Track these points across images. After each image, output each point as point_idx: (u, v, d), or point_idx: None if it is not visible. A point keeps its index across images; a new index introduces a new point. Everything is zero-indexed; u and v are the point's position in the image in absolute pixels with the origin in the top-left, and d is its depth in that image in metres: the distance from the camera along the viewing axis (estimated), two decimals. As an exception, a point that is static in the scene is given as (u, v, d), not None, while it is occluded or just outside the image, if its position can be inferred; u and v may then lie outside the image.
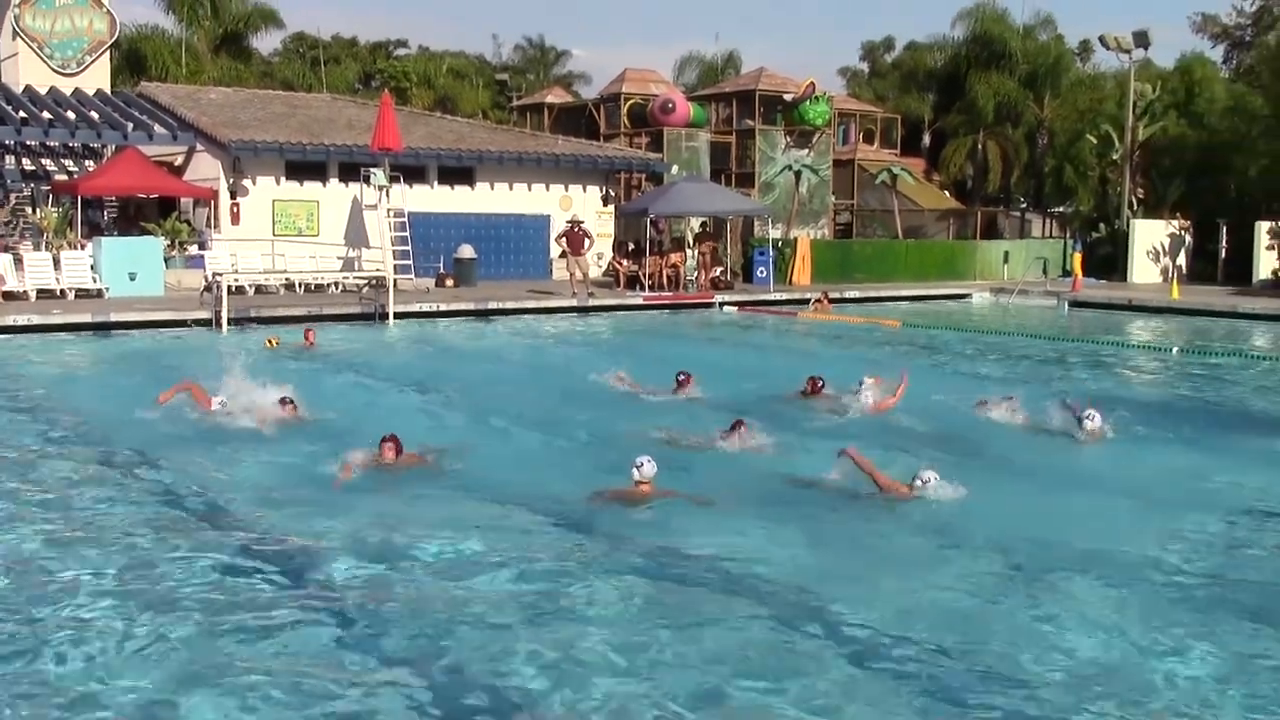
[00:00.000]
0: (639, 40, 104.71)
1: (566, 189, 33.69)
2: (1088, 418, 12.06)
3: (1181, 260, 35.71)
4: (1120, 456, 11.78)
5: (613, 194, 34.69)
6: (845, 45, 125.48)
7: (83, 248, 26.01)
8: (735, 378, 16.47)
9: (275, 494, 10.14)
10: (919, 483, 9.59)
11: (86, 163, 31.75)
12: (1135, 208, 37.23)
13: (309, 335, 19.95)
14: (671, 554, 8.47)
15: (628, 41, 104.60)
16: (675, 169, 35.12)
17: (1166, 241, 35.90)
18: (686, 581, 7.91)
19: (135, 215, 30.11)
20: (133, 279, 25.35)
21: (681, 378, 14.87)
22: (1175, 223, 36.18)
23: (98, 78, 32.55)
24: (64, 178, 31.28)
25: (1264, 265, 32.92)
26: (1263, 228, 33.17)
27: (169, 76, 43.59)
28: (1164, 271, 35.27)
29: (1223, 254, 35.33)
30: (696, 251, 31.34)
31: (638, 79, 39.30)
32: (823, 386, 14.52)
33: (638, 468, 9.64)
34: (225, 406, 12.75)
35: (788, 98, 37.85)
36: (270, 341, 19.78)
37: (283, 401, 12.78)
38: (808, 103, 37.24)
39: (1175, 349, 22.08)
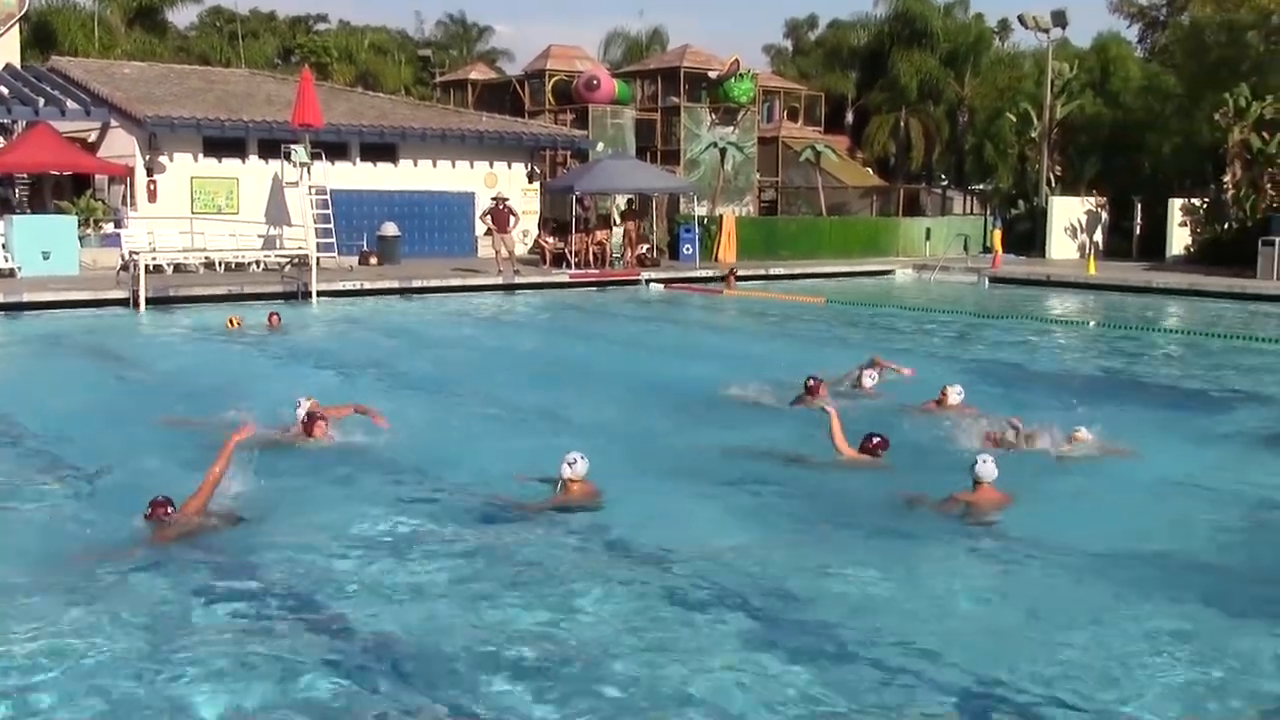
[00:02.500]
0: (563, 16, 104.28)
1: (491, 166, 33.47)
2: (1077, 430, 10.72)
3: (1098, 236, 36.40)
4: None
5: (538, 171, 34.55)
6: (769, 22, 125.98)
7: (-7, 226, 25.35)
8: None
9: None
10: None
11: (-4, 139, 30.93)
12: (1053, 185, 37.85)
13: (273, 318, 19.51)
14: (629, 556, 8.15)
15: (552, 17, 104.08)
16: (600, 146, 35.05)
17: (1083, 218, 36.57)
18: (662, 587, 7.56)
19: (55, 193, 29.39)
20: (46, 258, 24.76)
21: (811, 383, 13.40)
22: (1092, 200, 36.87)
23: (7, 52, 31.69)
24: (-28, 154, 30.41)
25: (1177, 241, 33.66)
26: (1176, 205, 33.90)
27: (80, 51, 42.52)
28: (1081, 248, 35.90)
29: (1137, 230, 36.05)
30: (622, 229, 31.33)
31: (563, 55, 39.14)
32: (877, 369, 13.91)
33: (569, 464, 8.98)
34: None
35: (713, 75, 37.92)
36: (232, 322, 19.36)
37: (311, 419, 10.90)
38: (732, 80, 37.34)
39: (1092, 323, 22.54)
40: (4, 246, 24.82)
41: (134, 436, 11.21)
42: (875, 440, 10.21)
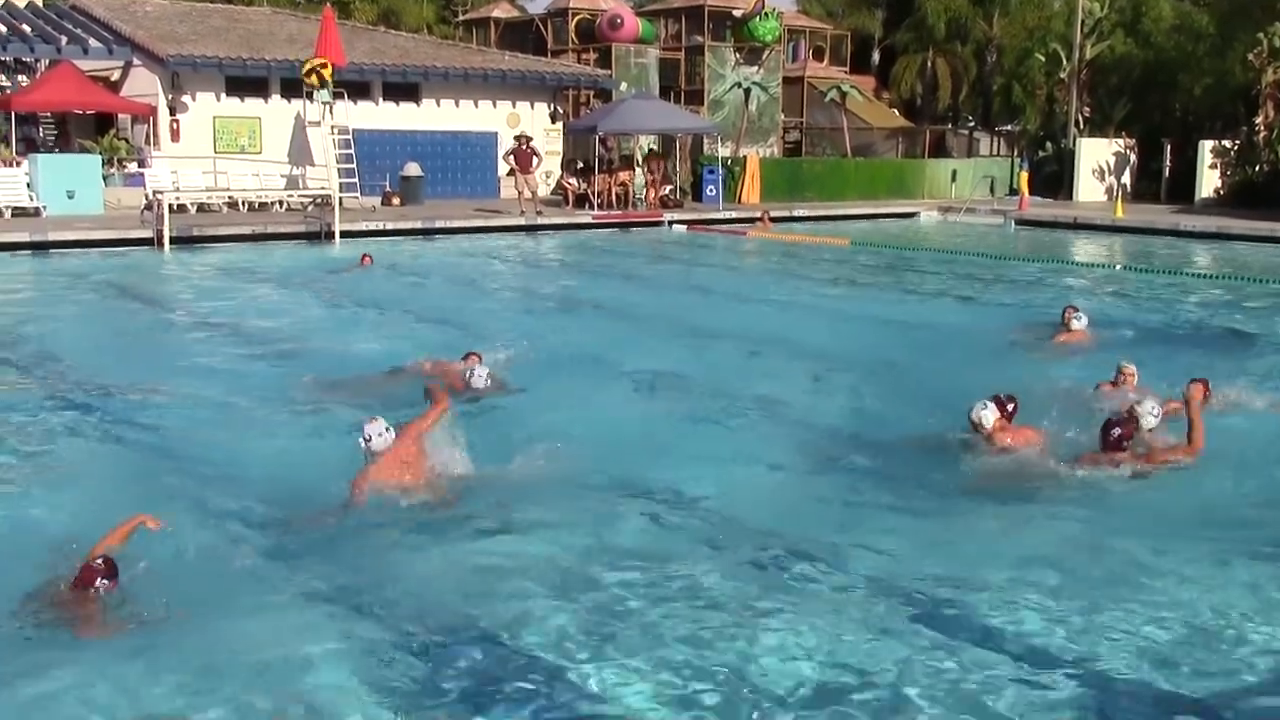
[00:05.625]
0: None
1: (514, 106, 33.26)
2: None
3: (1126, 179, 35.99)
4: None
5: (561, 111, 34.31)
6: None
7: (18, 165, 25.39)
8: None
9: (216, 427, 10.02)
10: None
11: (19, 78, 30.87)
12: (1082, 126, 37.39)
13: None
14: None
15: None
16: (624, 86, 34.77)
17: (1111, 160, 36.14)
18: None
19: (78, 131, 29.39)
20: (71, 197, 24.82)
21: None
22: (1120, 141, 36.42)
23: (28, -11, 31.55)
24: (-4, 93, 30.44)
25: (1206, 184, 33.26)
26: (1206, 146, 33.44)
27: (102, -12, 42.29)
28: (1109, 190, 35.53)
29: (1166, 172, 35.63)
30: (645, 169, 31.13)
31: (586, -7, 38.70)
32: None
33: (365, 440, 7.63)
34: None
35: (737, 14, 37.45)
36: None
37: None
38: (757, 19, 36.88)
39: (1118, 265, 22.37)
40: (29, 186, 24.88)
41: (165, 377, 11.28)
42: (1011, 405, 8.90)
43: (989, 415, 8.63)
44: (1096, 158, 36.12)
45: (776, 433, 9.71)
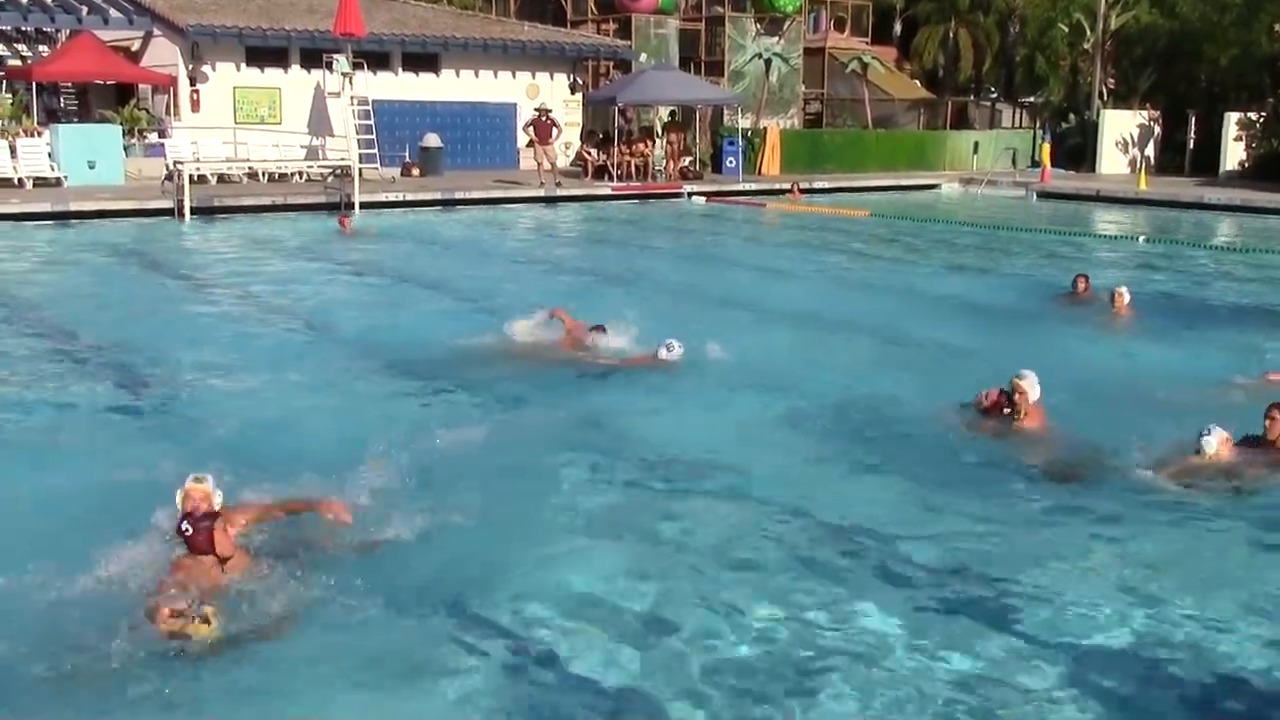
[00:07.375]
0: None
1: (534, 77, 33.16)
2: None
3: (1150, 151, 35.70)
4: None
5: (580, 82, 34.19)
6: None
7: (40, 135, 25.48)
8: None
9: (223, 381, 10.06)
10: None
11: (41, 48, 30.93)
12: (1105, 98, 37.07)
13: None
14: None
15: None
16: (643, 57, 34.62)
17: (1135, 132, 35.85)
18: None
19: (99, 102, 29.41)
20: (92, 167, 24.90)
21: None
22: (1144, 113, 36.09)
23: (49, -41, 31.52)
24: (17, 63, 30.48)
25: (1231, 156, 32.96)
26: (1231, 118, 33.13)
27: (122, -42, 42.24)
28: (1132, 162, 35.25)
29: (1190, 145, 35.31)
30: (665, 141, 31.03)
31: (605, -37, 38.45)
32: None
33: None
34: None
35: (758, -16, 37.20)
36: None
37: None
38: (778, -11, 36.64)
39: (1141, 238, 22.22)
40: (51, 156, 24.97)
41: (186, 347, 11.32)
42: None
43: (1033, 389, 8.27)
44: (1120, 130, 35.83)
45: (799, 406, 9.59)
